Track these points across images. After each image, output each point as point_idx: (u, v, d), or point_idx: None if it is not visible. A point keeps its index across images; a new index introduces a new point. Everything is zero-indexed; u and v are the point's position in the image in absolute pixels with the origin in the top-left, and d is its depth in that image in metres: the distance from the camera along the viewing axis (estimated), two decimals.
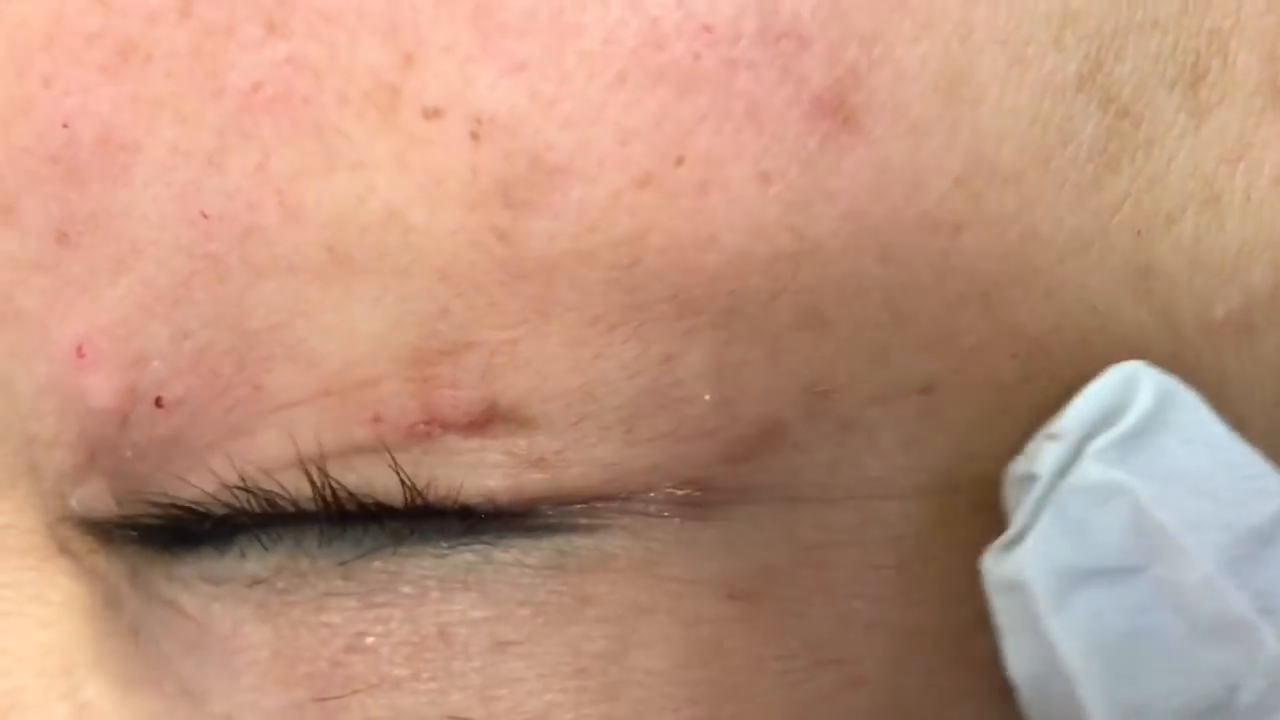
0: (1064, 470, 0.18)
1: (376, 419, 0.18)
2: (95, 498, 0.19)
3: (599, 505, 0.18)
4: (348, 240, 0.17)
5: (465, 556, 0.19)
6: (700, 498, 0.18)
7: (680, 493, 0.18)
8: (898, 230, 0.18)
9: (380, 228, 0.17)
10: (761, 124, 0.17)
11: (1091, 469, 0.17)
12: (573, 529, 0.19)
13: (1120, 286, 0.19)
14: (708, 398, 0.18)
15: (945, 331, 0.18)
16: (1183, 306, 0.19)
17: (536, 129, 0.17)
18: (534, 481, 0.18)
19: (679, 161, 0.17)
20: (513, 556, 0.18)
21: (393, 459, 0.18)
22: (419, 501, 0.18)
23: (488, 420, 0.18)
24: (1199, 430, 0.17)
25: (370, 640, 0.19)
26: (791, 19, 0.17)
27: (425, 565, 0.19)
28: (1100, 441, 0.17)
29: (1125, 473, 0.17)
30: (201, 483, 0.18)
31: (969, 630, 0.19)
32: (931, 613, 0.19)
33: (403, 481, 0.18)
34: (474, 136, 0.17)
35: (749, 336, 0.18)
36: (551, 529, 0.19)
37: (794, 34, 0.17)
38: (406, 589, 0.19)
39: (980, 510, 0.19)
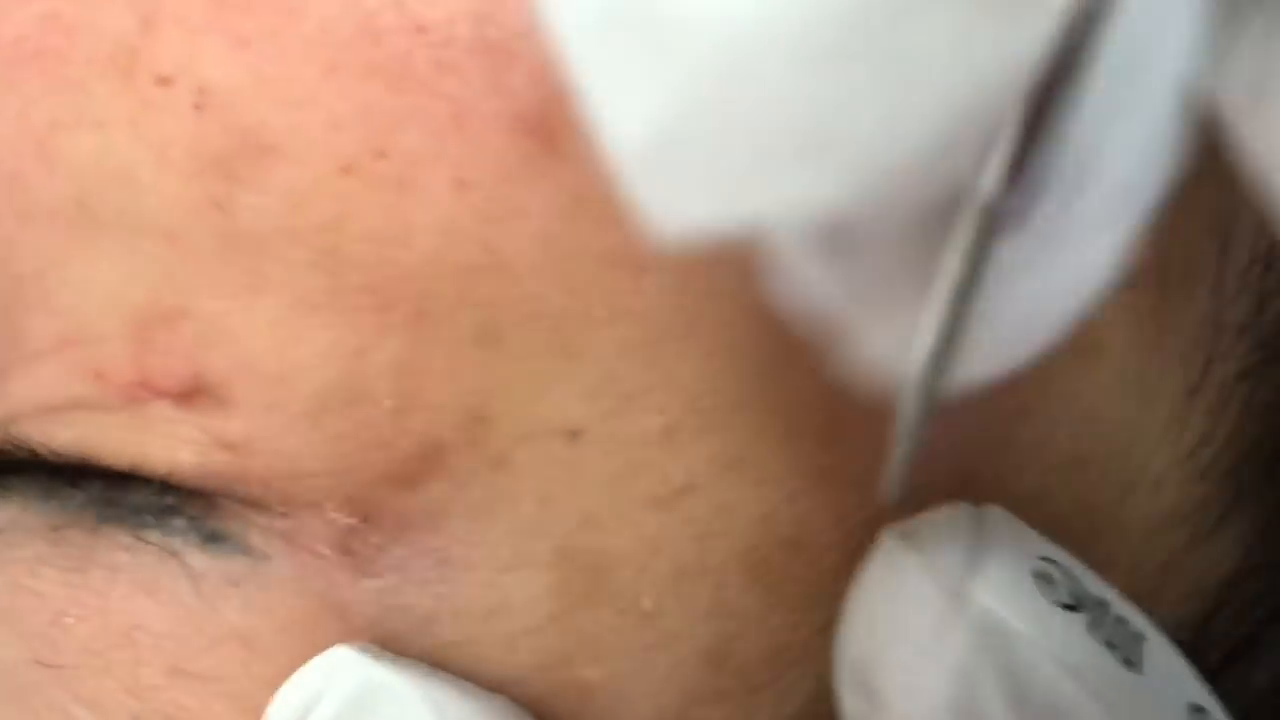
0: None
1: (99, 375, 0.18)
2: None
3: (275, 525, 0.19)
4: (93, 195, 0.18)
5: (155, 553, 0.19)
6: (362, 532, 0.19)
7: (346, 521, 0.19)
8: (584, 260, 0.18)
9: (118, 186, 0.18)
10: (465, 131, 0.17)
11: None
12: (249, 551, 0.19)
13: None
14: (388, 403, 0.18)
15: (606, 374, 0.18)
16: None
17: (253, 106, 0.17)
18: (221, 463, 0.18)
19: (381, 155, 0.17)
20: (198, 565, 0.19)
21: (98, 417, 0.18)
22: (117, 464, 0.18)
23: (193, 392, 0.18)
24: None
25: (70, 620, 0.19)
26: (503, 30, 0.17)
27: (119, 556, 0.19)
28: None
29: None
30: None
31: None
32: None
33: (101, 442, 0.18)
34: (197, 107, 0.17)
35: (433, 343, 0.18)
36: (235, 545, 0.19)
37: (505, 47, 0.17)
38: (98, 574, 0.19)
39: (592, 598, 0.19)
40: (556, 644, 0.19)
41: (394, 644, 0.19)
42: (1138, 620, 0.19)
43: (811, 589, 0.20)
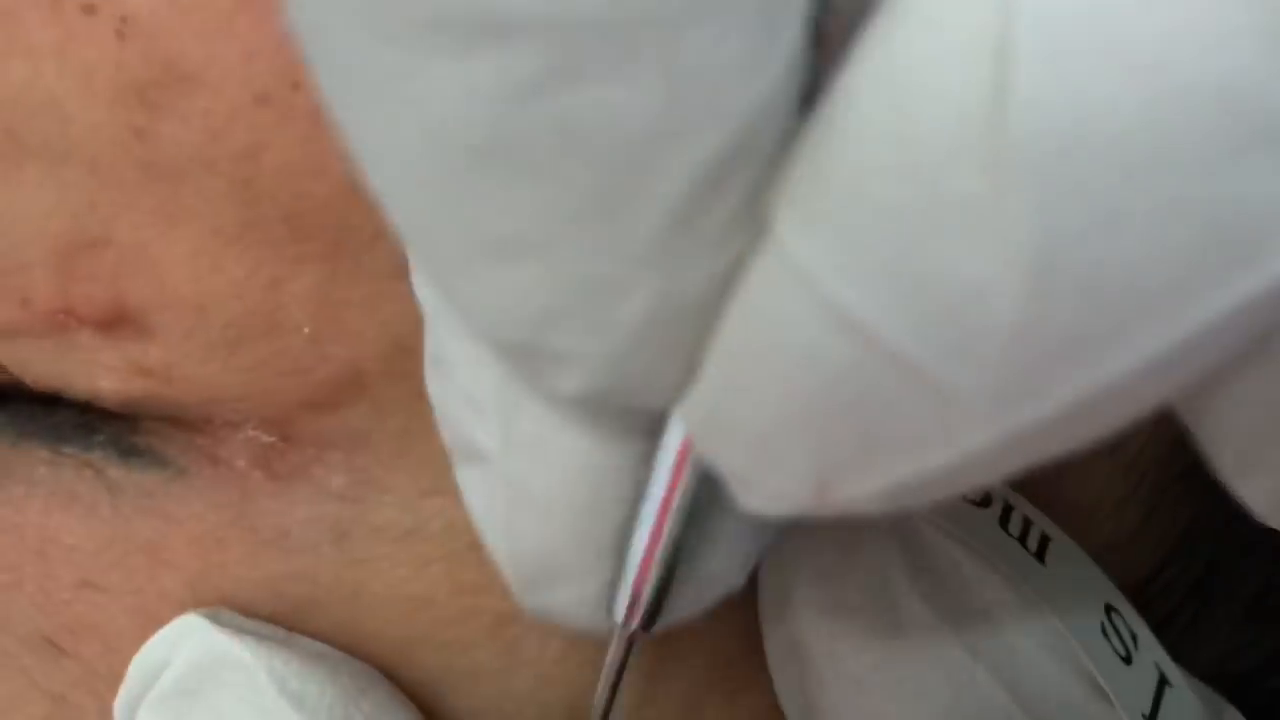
0: None
1: (26, 302, 0.18)
2: None
3: (195, 441, 0.19)
4: (20, 123, 0.18)
5: (74, 466, 0.19)
6: (281, 450, 0.19)
7: (266, 438, 0.19)
8: None
9: (45, 114, 0.18)
10: None
11: None
12: (166, 464, 0.19)
13: None
14: (306, 331, 0.18)
15: None
16: None
17: (173, 35, 0.17)
18: (141, 388, 0.18)
19: (295, 86, 0.17)
20: (116, 477, 0.19)
21: (25, 342, 0.18)
22: (43, 387, 0.19)
23: (116, 321, 0.18)
24: (249, 692, 0.18)
25: None
26: None
27: (39, 470, 0.19)
28: (152, 695, 0.18)
29: None
30: None
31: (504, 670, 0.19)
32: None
33: (27, 367, 0.19)
34: (120, 35, 0.17)
35: (352, 275, 0.18)
36: (153, 458, 0.19)
37: None
38: (16, 489, 0.19)
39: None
40: (471, 573, 0.19)
41: (304, 556, 0.19)
42: (1045, 523, 0.19)
43: None
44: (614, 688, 0.17)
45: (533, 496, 0.15)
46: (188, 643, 0.18)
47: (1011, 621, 0.18)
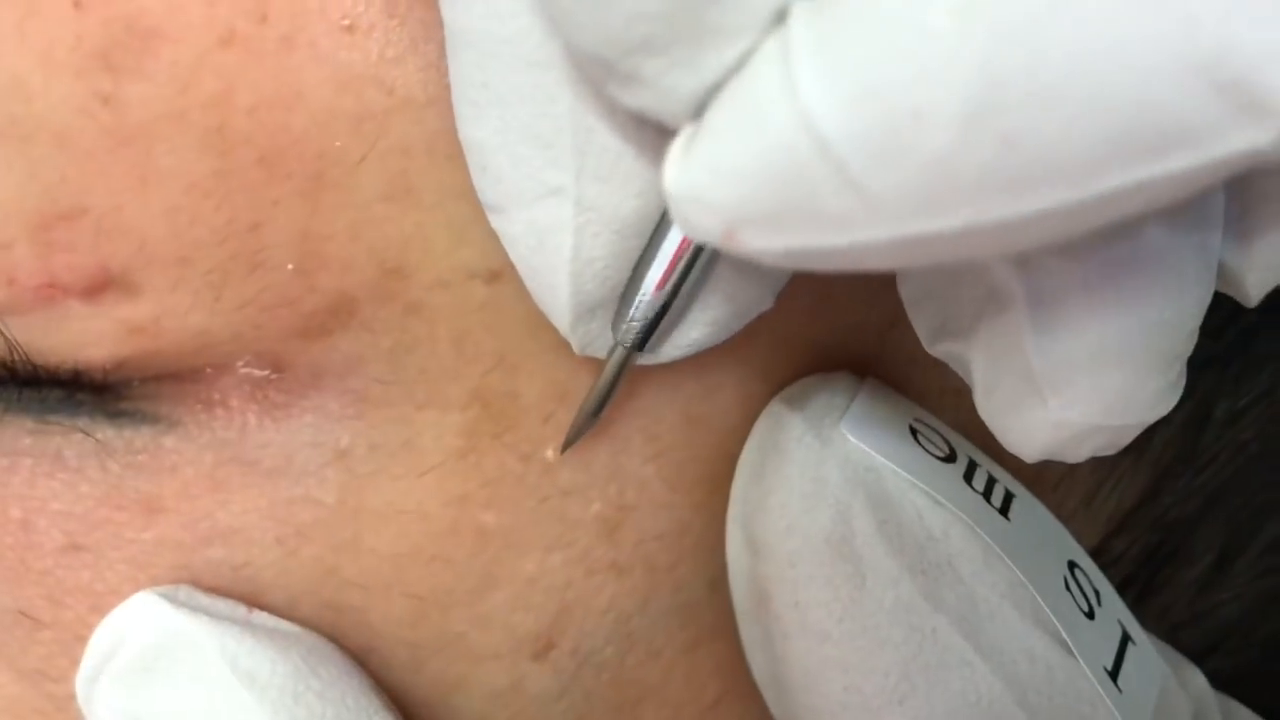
0: (87, 696, 0.19)
1: (11, 281, 0.18)
2: None
3: (186, 390, 0.19)
4: None
5: (61, 432, 0.19)
6: (276, 382, 0.19)
7: (259, 373, 0.19)
8: None
9: (8, 95, 0.18)
10: None
11: (106, 696, 0.18)
12: (156, 419, 0.19)
13: None
14: (290, 267, 0.18)
15: None
16: None
17: None
18: (132, 347, 0.18)
19: (262, 19, 0.17)
20: (104, 439, 0.19)
21: (15, 321, 0.18)
22: (27, 362, 0.19)
23: (101, 286, 0.18)
24: (202, 669, 0.18)
25: None
26: None
27: (23, 440, 0.19)
28: (109, 672, 0.19)
29: (136, 704, 0.18)
30: None
31: (480, 588, 0.20)
32: (446, 570, 0.20)
33: (5, 338, 0.18)
34: (77, 5, 0.17)
35: (334, 207, 0.18)
36: (142, 416, 0.19)
37: None
38: (1, 462, 0.19)
39: (499, 439, 0.19)
40: (458, 482, 0.19)
41: (308, 479, 0.19)
42: (1009, 481, 0.19)
43: (713, 471, 0.20)
44: (604, 397, 0.19)
45: (605, 217, 0.17)
46: (143, 621, 0.18)
47: (974, 573, 0.18)
